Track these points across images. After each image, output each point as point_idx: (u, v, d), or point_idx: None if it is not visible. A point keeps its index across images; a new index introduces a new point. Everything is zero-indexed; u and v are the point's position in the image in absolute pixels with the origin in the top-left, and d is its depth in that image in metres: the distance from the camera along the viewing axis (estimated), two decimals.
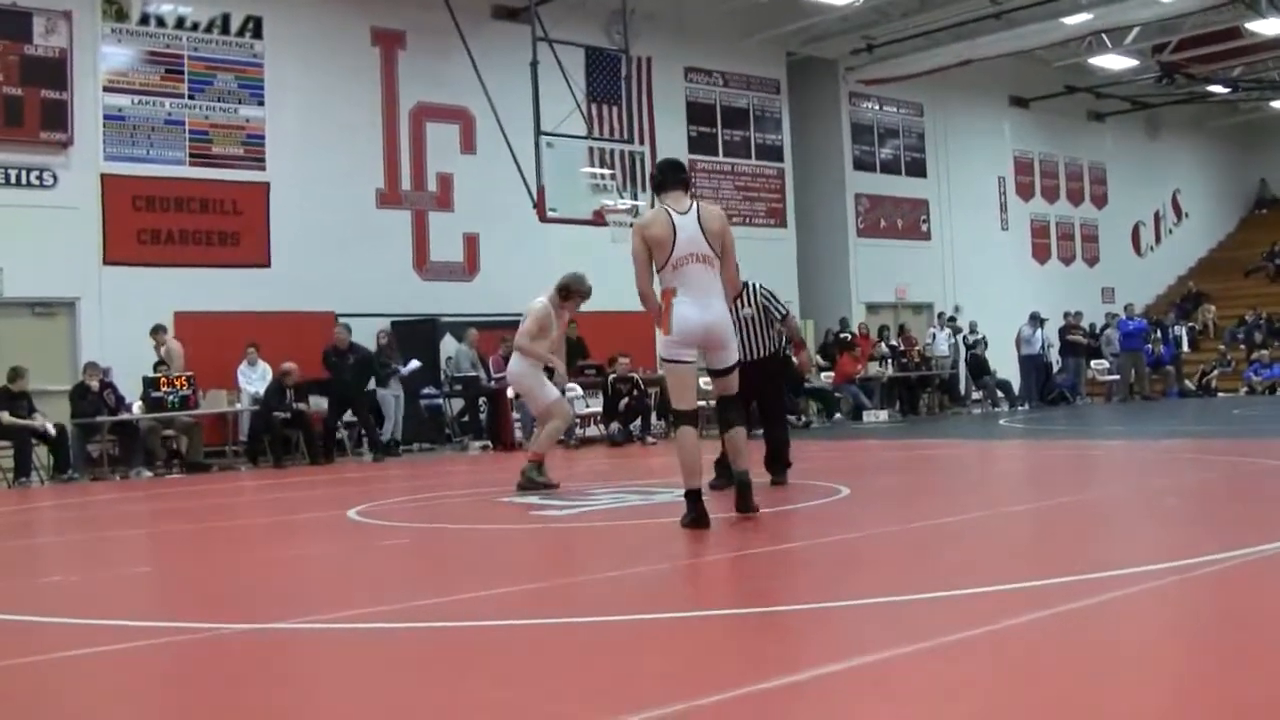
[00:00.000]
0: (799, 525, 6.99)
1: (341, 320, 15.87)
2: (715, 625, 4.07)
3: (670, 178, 6.63)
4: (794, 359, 8.81)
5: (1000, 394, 21.82)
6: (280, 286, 16.49)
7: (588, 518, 7.42)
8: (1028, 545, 5.83)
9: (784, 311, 8.60)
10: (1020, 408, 21.29)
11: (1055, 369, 23.03)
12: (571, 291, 9.40)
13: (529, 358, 9.31)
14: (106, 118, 15.70)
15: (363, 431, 15.45)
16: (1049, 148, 27.81)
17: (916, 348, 21.41)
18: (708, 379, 7.08)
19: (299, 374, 14.87)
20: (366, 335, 16.15)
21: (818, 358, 20.49)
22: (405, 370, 16.18)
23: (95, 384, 13.76)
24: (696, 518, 6.31)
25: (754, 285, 8.52)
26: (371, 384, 15.75)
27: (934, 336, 22.17)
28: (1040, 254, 27.52)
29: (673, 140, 20.79)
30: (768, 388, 8.69)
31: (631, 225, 7.09)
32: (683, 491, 6.46)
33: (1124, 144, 29.37)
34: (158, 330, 14.99)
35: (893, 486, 9.01)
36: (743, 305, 8.49)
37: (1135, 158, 29.63)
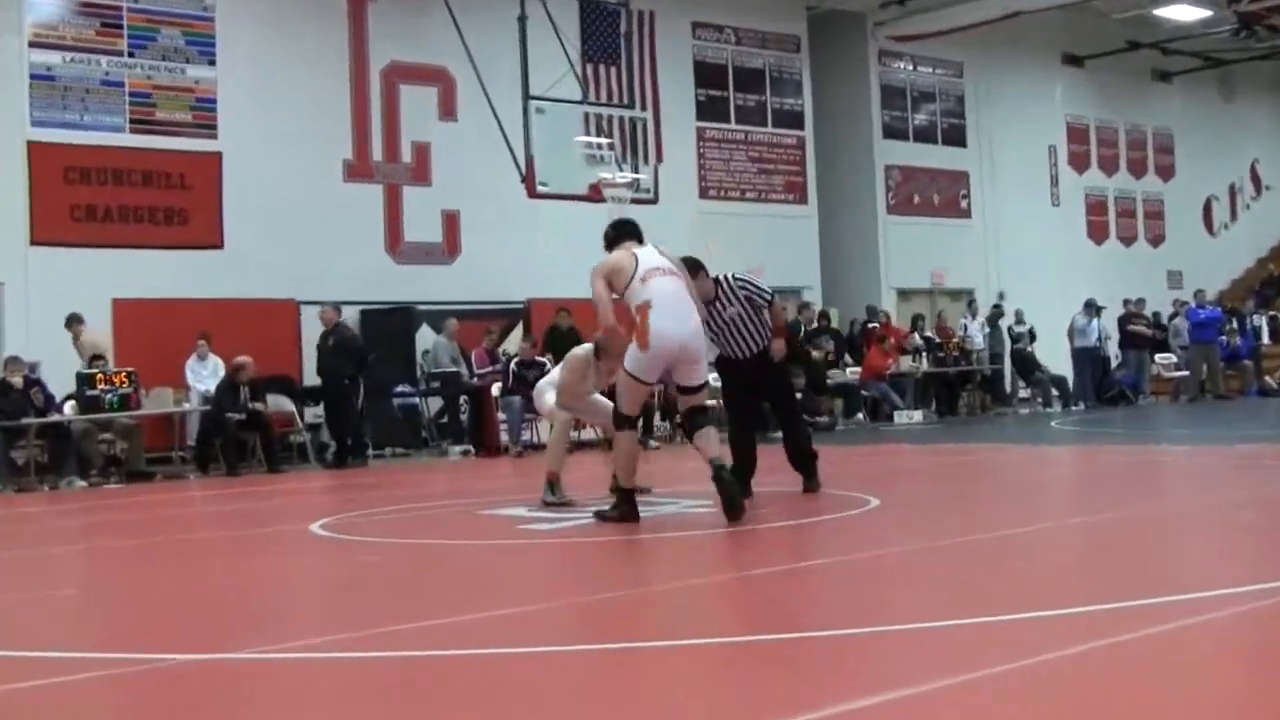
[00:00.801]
0: (823, 540, 7.01)
1: (330, 303, 15.72)
2: (724, 654, 4.06)
3: (624, 231, 7.68)
4: (770, 350, 8.73)
5: (1053, 392, 21.79)
6: (234, 271, 16.48)
7: (580, 533, 7.42)
8: (1082, 565, 5.82)
9: (769, 296, 8.58)
10: (1074, 408, 21.25)
11: (1114, 364, 23.00)
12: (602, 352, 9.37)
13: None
14: (33, 77, 15.67)
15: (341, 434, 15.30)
16: (1107, 112, 27.77)
17: (955, 339, 21.39)
18: (715, 376, 7.22)
19: (255, 369, 14.86)
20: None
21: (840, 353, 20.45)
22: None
23: (19, 381, 13.70)
24: (625, 512, 7.33)
25: (728, 278, 8.58)
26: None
27: (965, 327, 22.13)
28: (1097, 233, 27.50)
29: (679, 105, 20.78)
30: (774, 381, 8.68)
31: (630, 202, 7.64)
32: (627, 493, 7.30)
33: (1194, 107, 29.30)
34: (73, 321, 14.83)
35: (929, 497, 8.99)
36: (725, 305, 8.52)
37: (1207, 123, 29.55)
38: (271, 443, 14.82)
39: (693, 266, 8.02)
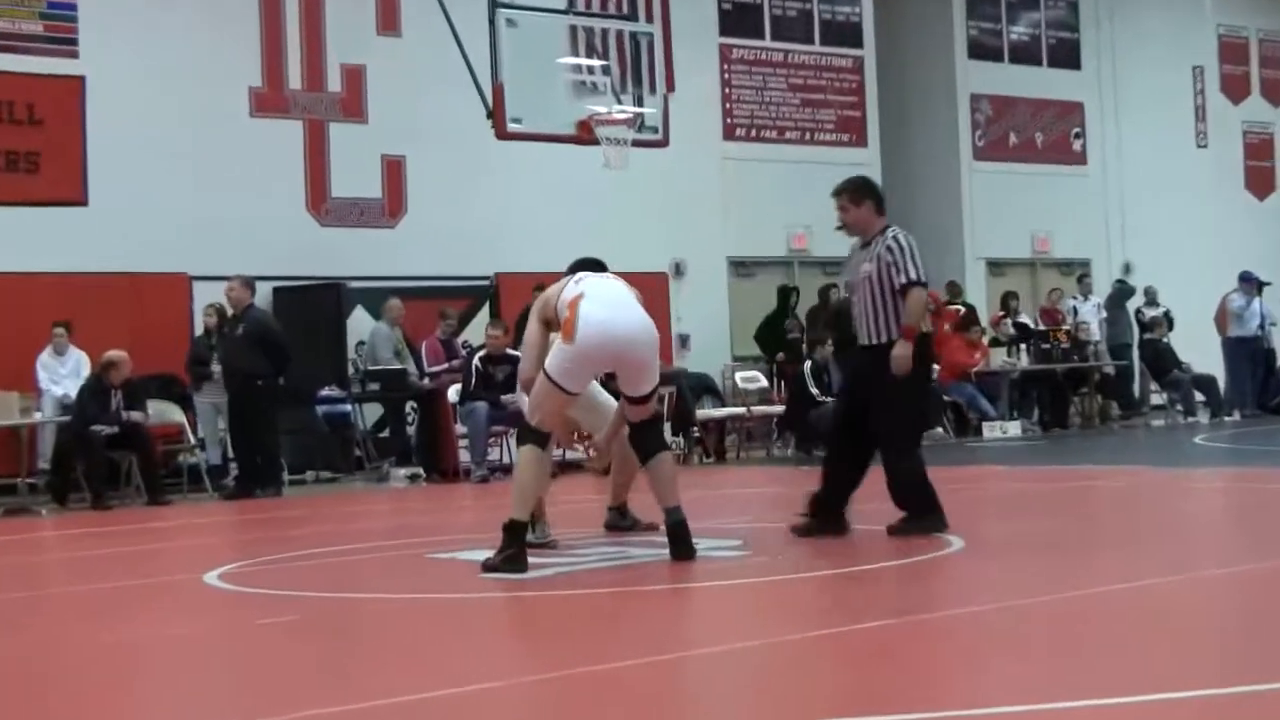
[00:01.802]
0: (893, 592, 7.00)
1: (237, 277, 15.62)
2: None
3: (576, 266, 8.42)
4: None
5: (1197, 397, 21.74)
6: (102, 235, 16.43)
7: (564, 582, 7.41)
8: (1237, 631, 5.78)
9: (911, 276, 8.48)
10: (1226, 417, 21.23)
11: None
12: None
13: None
14: None
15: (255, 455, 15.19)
16: (1275, 21, 27.72)
17: (1064, 327, 21.35)
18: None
19: (131, 367, 14.82)
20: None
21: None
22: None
23: None
24: (513, 555, 7.53)
25: (894, 230, 8.73)
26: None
27: (1075, 310, 22.06)
28: (1259, 183, 27.44)
29: (696, 16, 20.71)
30: (878, 395, 8.54)
31: (632, 145, 8.31)
32: (518, 528, 7.60)
33: None
34: None
35: (1029, 536, 8.95)
36: (863, 260, 8.63)
37: None
38: (153, 465, 14.77)
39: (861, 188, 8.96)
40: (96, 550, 11.07)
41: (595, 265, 8.45)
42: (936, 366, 20.10)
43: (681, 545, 7.75)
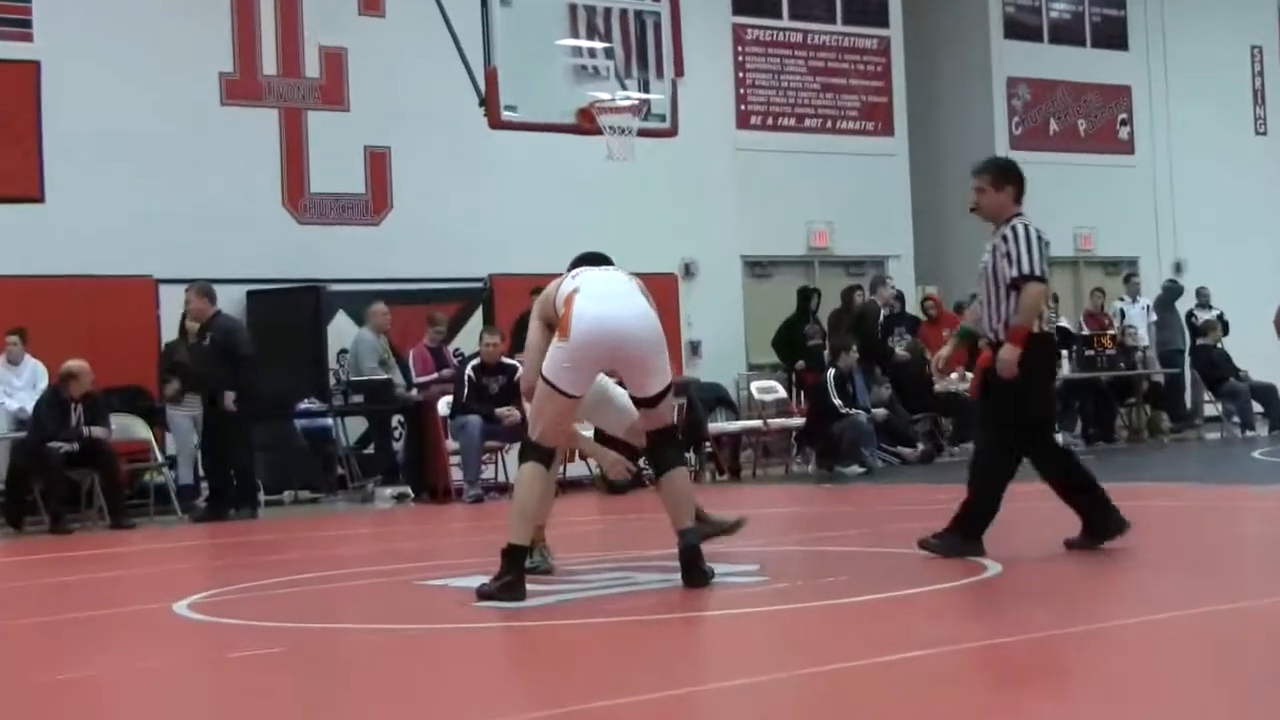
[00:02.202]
0: (920, 622, 7.01)
1: (191, 287, 15.66)
2: None
3: (577, 260, 8.41)
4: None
5: (1255, 408, 21.72)
6: (60, 234, 16.47)
7: (565, 611, 7.41)
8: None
9: (1032, 267, 8.57)
10: None
11: None
12: None
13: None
14: None
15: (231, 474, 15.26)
16: None
17: (1110, 331, 21.34)
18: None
19: (92, 379, 14.85)
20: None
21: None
22: None
23: None
24: (511, 583, 7.56)
25: (1023, 220, 8.79)
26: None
27: (1122, 313, 22.02)
28: None
29: None
30: (990, 399, 8.66)
31: (637, 134, 8.26)
32: (518, 553, 7.65)
33: None
34: None
35: (1069, 561, 8.95)
36: (986, 250, 8.80)
37: None
38: (117, 485, 14.78)
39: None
40: (55, 578, 11.08)
41: (598, 260, 8.46)
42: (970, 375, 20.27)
43: (694, 571, 7.78)
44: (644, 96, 16.52)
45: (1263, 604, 7.07)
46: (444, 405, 16.06)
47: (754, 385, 19.50)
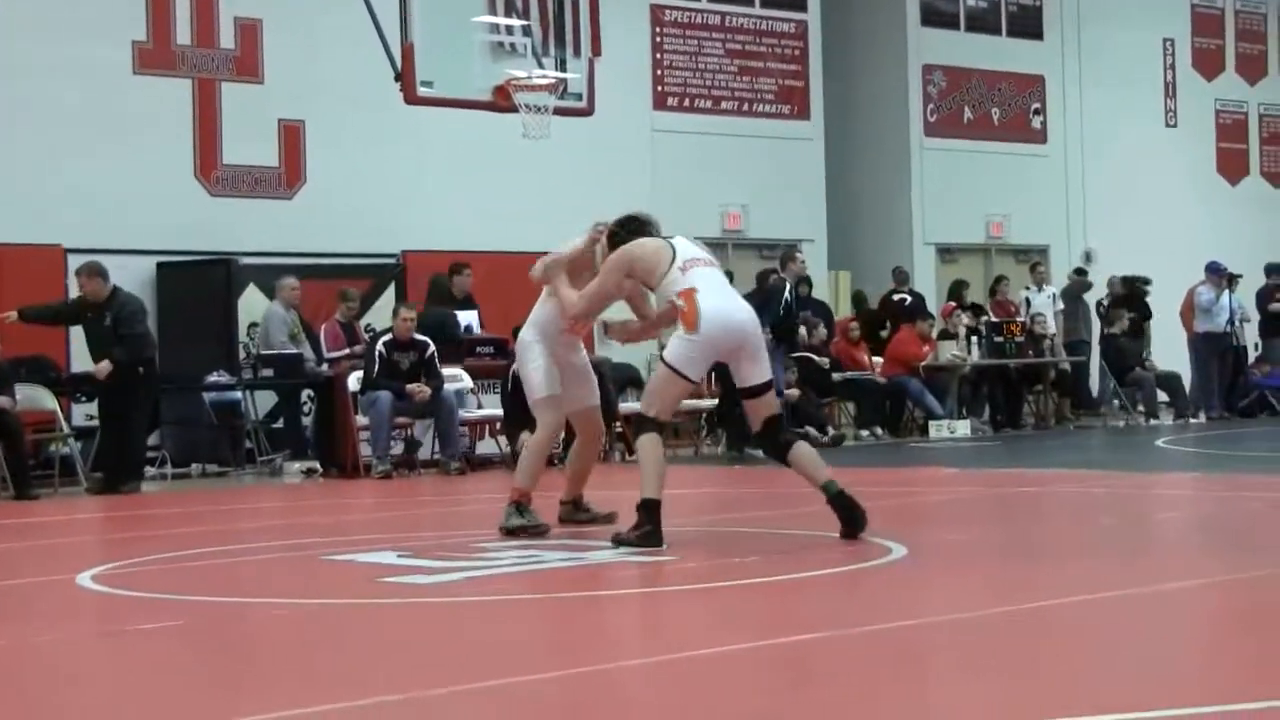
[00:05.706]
0: (825, 603, 7.08)
1: (90, 260, 15.51)
2: None
3: (634, 230, 9.04)
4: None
5: (1160, 397, 21.93)
6: None
7: (471, 588, 7.45)
8: (1196, 647, 5.88)
9: None
10: (1192, 419, 21.44)
11: (1252, 357, 23.13)
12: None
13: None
14: None
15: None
16: None
17: (1019, 319, 21.48)
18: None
19: None
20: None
21: (853, 329, 20.47)
22: None
23: None
24: (650, 532, 8.30)
25: None
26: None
27: (1028, 301, 22.17)
28: (1231, 167, 27.67)
29: None
30: None
31: (553, 113, 9.03)
32: (653, 505, 8.29)
33: None
34: None
35: (975, 544, 9.09)
36: None
37: None
38: (21, 455, 14.63)
39: None
40: None
41: (648, 225, 9.13)
42: (879, 360, 20.36)
43: (852, 512, 8.43)
44: (561, 75, 16.53)
45: (1180, 588, 7.16)
46: (354, 380, 16.00)
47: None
